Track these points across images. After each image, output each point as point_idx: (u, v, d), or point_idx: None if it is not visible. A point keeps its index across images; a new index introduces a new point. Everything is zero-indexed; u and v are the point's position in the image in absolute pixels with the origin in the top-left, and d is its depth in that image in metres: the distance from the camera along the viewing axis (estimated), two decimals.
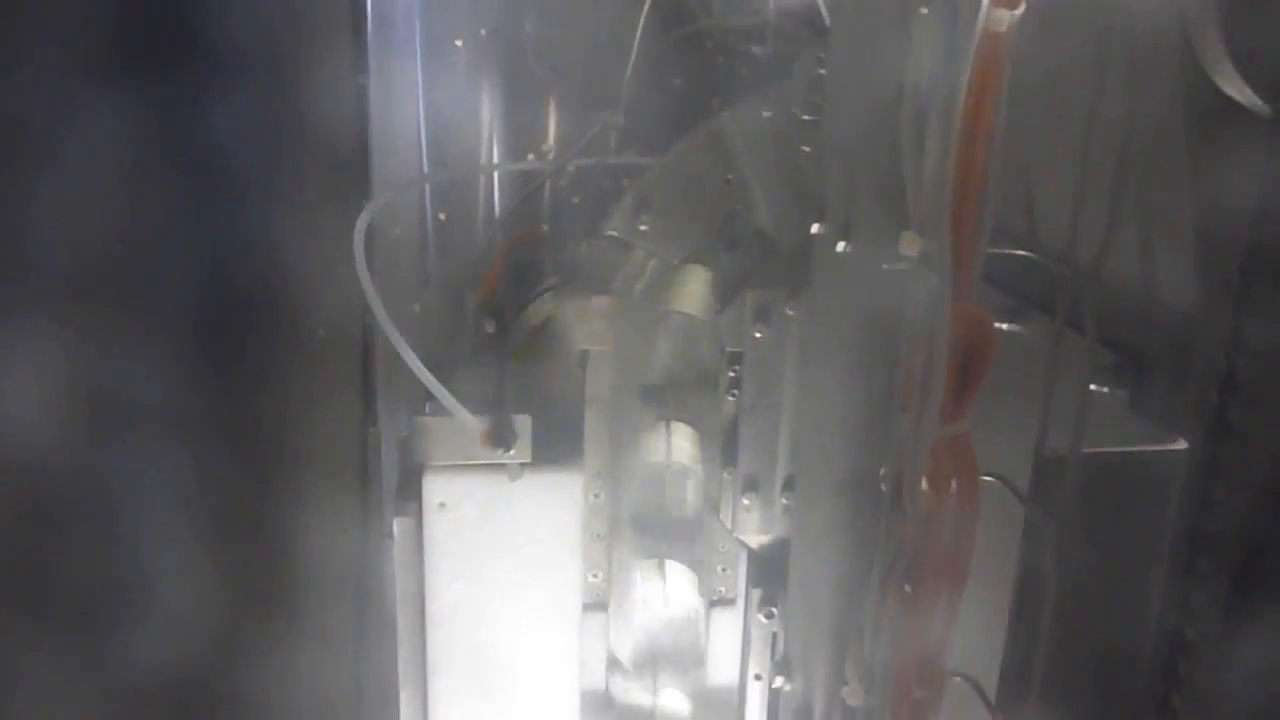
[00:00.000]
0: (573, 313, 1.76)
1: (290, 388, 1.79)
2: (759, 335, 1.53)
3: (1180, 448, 1.12)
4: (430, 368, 1.49)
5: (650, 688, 1.68)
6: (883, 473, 1.30)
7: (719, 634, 1.73)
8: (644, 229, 1.63)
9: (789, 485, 1.58)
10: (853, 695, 1.43)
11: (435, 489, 1.61)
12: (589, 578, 1.68)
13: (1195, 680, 1.10)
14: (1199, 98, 1.03)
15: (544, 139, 2.15)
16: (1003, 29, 1.01)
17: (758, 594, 1.66)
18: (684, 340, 1.63)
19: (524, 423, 1.58)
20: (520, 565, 1.66)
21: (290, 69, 1.73)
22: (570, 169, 2.03)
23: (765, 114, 1.55)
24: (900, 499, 1.23)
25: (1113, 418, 1.16)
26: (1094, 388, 1.16)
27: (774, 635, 1.66)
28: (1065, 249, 1.15)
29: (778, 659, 1.66)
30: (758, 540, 1.65)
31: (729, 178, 1.60)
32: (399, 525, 1.62)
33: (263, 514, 1.63)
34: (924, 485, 1.20)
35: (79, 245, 1.03)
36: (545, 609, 1.68)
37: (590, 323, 1.68)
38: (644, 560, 1.66)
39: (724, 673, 1.75)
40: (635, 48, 1.85)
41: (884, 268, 1.26)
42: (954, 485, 1.19)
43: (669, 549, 1.66)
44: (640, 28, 1.85)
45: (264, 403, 1.65)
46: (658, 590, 1.65)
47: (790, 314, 1.52)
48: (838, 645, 1.49)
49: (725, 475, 1.62)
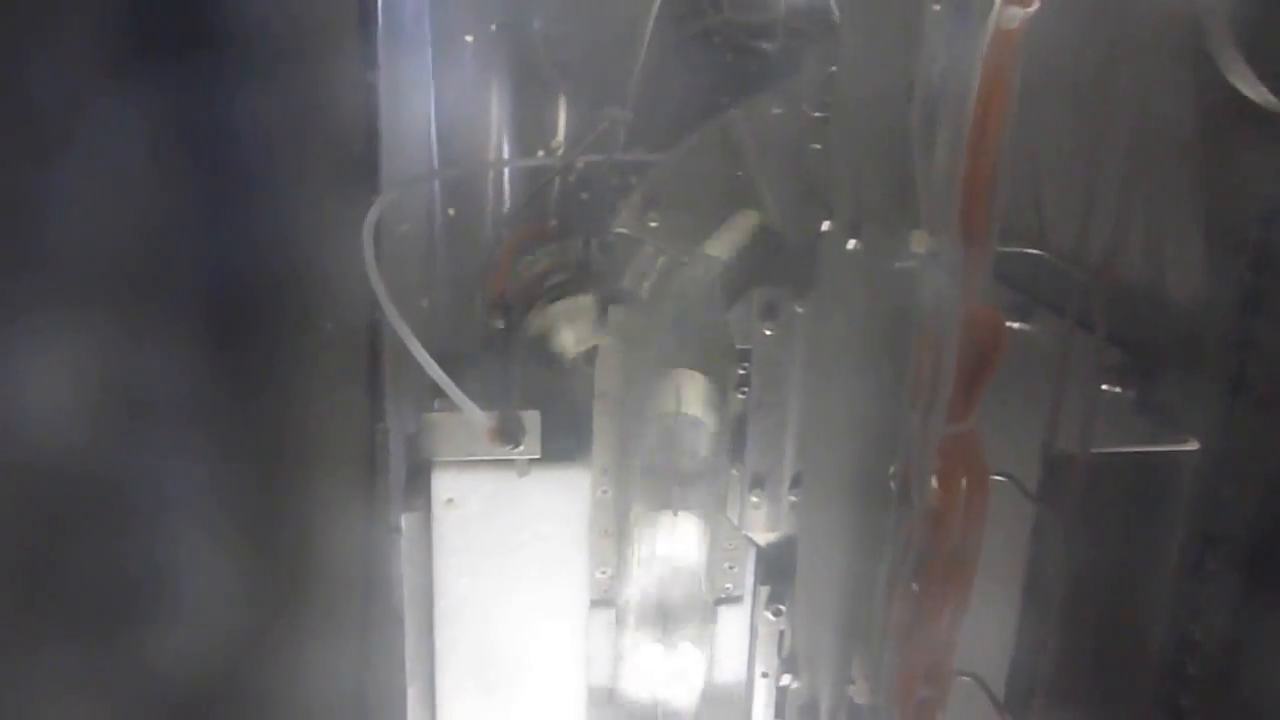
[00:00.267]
0: (581, 310, 1.76)
1: (298, 383, 1.79)
2: (767, 332, 1.53)
3: (1190, 448, 1.12)
4: (439, 363, 1.49)
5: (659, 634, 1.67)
6: (891, 470, 1.30)
7: (726, 631, 1.73)
8: (653, 225, 1.62)
9: (797, 483, 1.58)
10: (860, 693, 1.43)
11: (443, 485, 1.62)
12: (596, 574, 1.68)
13: (1204, 679, 1.10)
14: (1211, 95, 1.02)
15: (553, 135, 2.15)
16: (1015, 26, 1.00)
17: (765, 591, 1.66)
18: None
19: (532, 419, 1.58)
20: (528, 561, 1.66)
21: (300, 64, 1.73)
22: (579, 165, 2.03)
23: (775, 111, 1.55)
24: (908, 497, 1.23)
25: (1122, 417, 1.16)
26: (1104, 387, 1.16)
27: (781, 633, 1.66)
28: (1075, 247, 1.15)
29: (785, 657, 1.66)
30: (765, 538, 1.65)
31: (738, 175, 1.60)
32: (407, 521, 1.62)
33: (270, 509, 1.63)
34: (932, 483, 1.20)
35: (87, 240, 1.03)
36: (552, 605, 1.68)
37: (597, 319, 1.68)
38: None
39: (730, 670, 1.74)
40: (645, 44, 1.84)
41: (893, 265, 1.26)
42: (963, 483, 1.19)
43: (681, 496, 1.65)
44: (650, 24, 1.85)
45: (272, 398, 1.65)
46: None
47: (799, 311, 1.52)
48: (845, 643, 1.49)
49: (733, 472, 1.61)
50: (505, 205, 2.19)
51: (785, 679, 1.66)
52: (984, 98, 1.04)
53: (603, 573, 1.69)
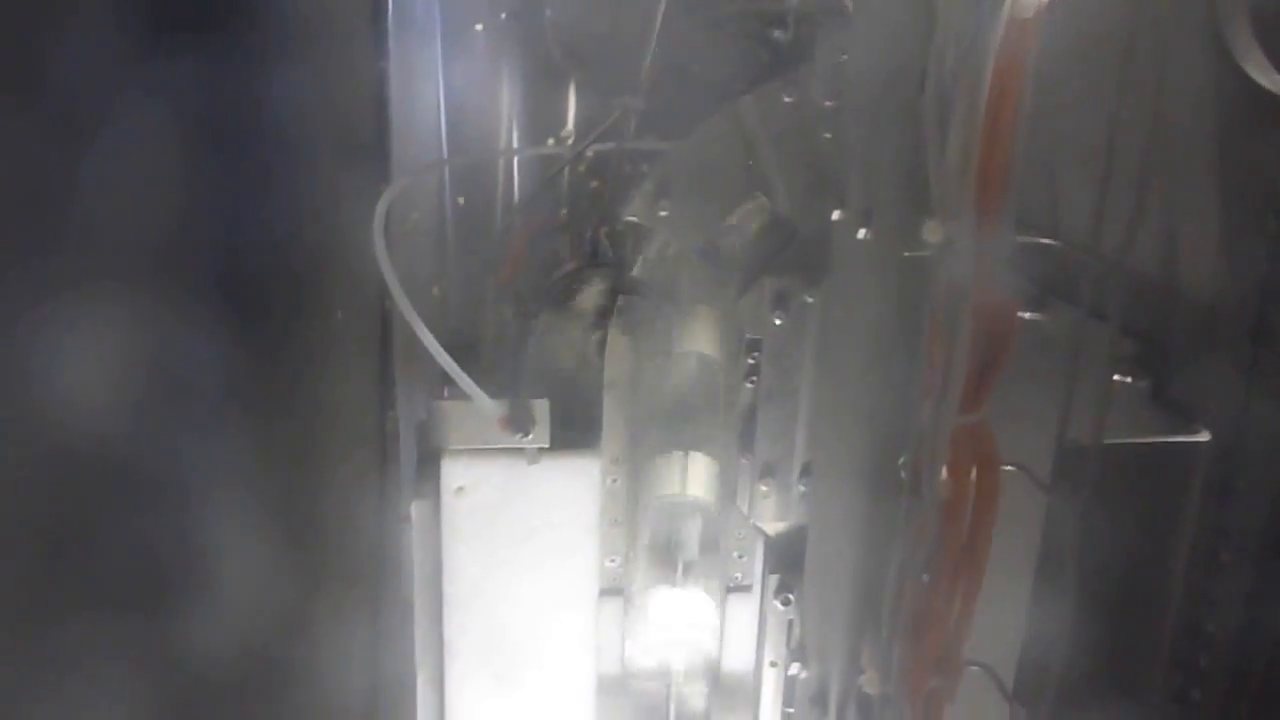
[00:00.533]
0: (591, 298, 1.76)
1: (309, 370, 1.79)
2: (778, 322, 1.53)
3: (1203, 439, 1.11)
4: (449, 352, 1.49)
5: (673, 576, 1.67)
6: (902, 460, 1.30)
7: (735, 620, 1.73)
8: (664, 215, 1.62)
9: (806, 472, 1.58)
10: (869, 683, 1.43)
11: (453, 473, 1.62)
12: (606, 562, 1.68)
13: (1216, 671, 1.10)
14: (1227, 85, 1.02)
15: (564, 124, 2.14)
16: (1029, 15, 1.00)
17: (774, 581, 1.66)
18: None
19: (542, 407, 1.58)
20: (537, 549, 1.66)
21: (311, 53, 1.73)
22: (590, 154, 2.02)
23: (787, 99, 1.54)
24: (919, 487, 1.22)
25: (1135, 408, 1.16)
26: (1117, 377, 1.15)
27: (790, 622, 1.66)
28: (1090, 237, 1.14)
29: (794, 646, 1.66)
30: (775, 527, 1.65)
31: (749, 163, 1.59)
32: (417, 509, 1.62)
33: (280, 496, 1.63)
34: (944, 473, 1.19)
35: (102, 226, 1.03)
36: (562, 593, 1.69)
37: (607, 308, 1.68)
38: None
39: (740, 659, 1.75)
40: (656, 32, 1.84)
41: (905, 255, 1.26)
42: (974, 474, 1.18)
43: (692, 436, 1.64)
44: (661, 11, 1.84)
45: (282, 385, 1.66)
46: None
47: (809, 301, 1.52)
48: (854, 633, 1.49)
49: (743, 461, 1.61)
50: (516, 194, 2.18)
51: (794, 668, 1.66)
52: (998, 86, 1.04)
53: (612, 561, 1.69)
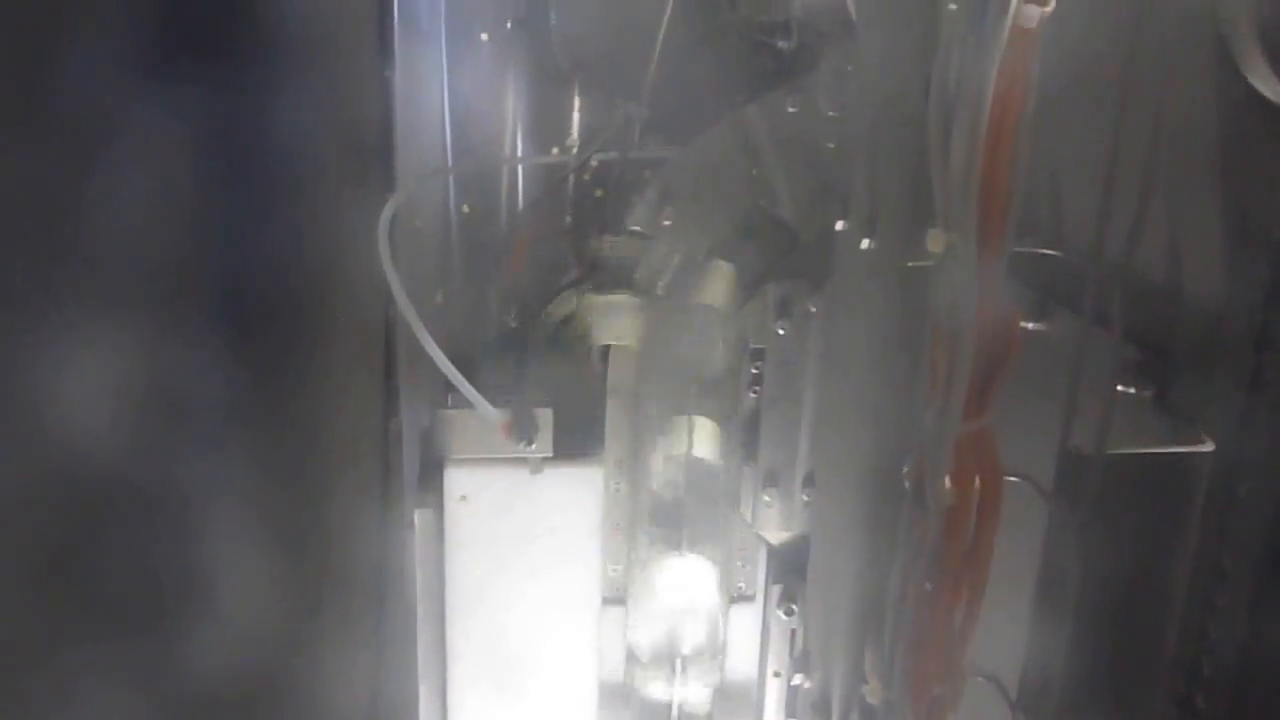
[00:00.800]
0: (595, 307, 1.76)
1: (312, 378, 1.79)
2: (781, 331, 1.53)
3: (1206, 448, 1.11)
4: (453, 360, 1.49)
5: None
6: (905, 469, 1.30)
7: (738, 630, 1.73)
8: (667, 223, 1.62)
9: (810, 481, 1.58)
10: (872, 693, 1.43)
11: (456, 481, 1.62)
12: (609, 570, 1.68)
13: (1219, 679, 1.10)
14: (1230, 94, 1.02)
15: (568, 132, 2.15)
16: (1032, 26, 1.00)
17: (778, 590, 1.66)
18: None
19: (545, 416, 1.58)
20: (540, 557, 1.66)
21: (316, 61, 1.73)
22: (594, 162, 2.03)
23: (791, 109, 1.54)
24: (922, 496, 1.22)
25: (1138, 417, 1.16)
26: (1120, 387, 1.15)
27: (793, 632, 1.66)
28: (1092, 246, 1.14)
29: (797, 655, 1.66)
30: (778, 536, 1.65)
31: (753, 172, 1.60)
32: (420, 517, 1.62)
33: (283, 504, 1.63)
34: (946, 482, 1.19)
35: (109, 238, 1.04)
36: (565, 601, 1.69)
37: (612, 317, 1.68)
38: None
39: (743, 669, 1.74)
40: (660, 40, 1.84)
41: (908, 264, 1.26)
42: (977, 483, 1.18)
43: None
44: (665, 20, 1.84)
45: (285, 393, 1.66)
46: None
47: (813, 309, 1.52)
48: (858, 642, 1.49)
49: (746, 470, 1.61)
50: (520, 201, 2.19)
51: (798, 678, 1.65)
52: (1001, 97, 1.04)
53: (615, 568, 1.69)
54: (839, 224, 1.39)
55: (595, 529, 1.65)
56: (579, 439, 1.63)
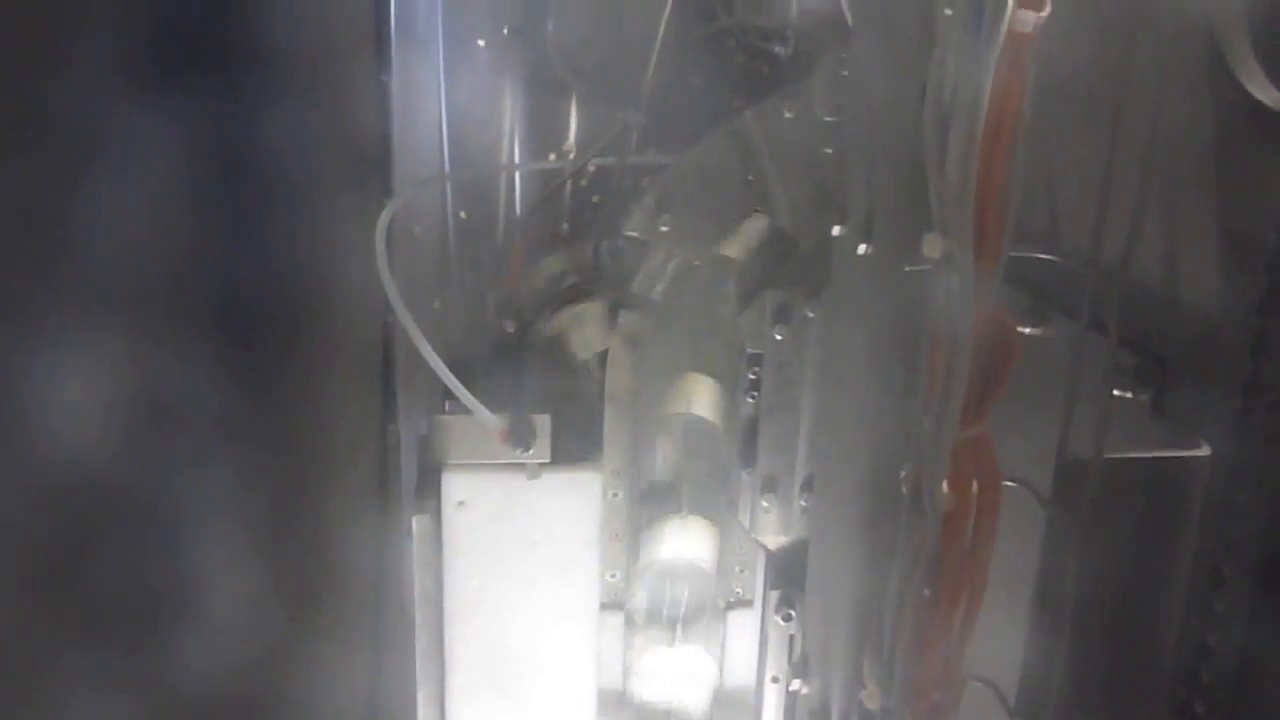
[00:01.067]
0: (592, 313, 1.76)
1: (310, 385, 1.79)
2: (779, 336, 1.53)
3: (1204, 453, 1.11)
4: (450, 366, 1.49)
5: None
6: (903, 475, 1.30)
7: (736, 636, 1.73)
8: (664, 229, 1.62)
9: (808, 487, 1.58)
10: (871, 698, 1.43)
11: (454, 487, 1.62)
12: (607, 577, 1.68)
13: (1218, 686, 1.09)
14: (1225, 98, 1.02)
15: (565, 138, 2.15)
16: (1028, 30, 1.00)
17: (775, 596, 1.66)
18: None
19: (543, 422, 1.58)
20: (538, 564, 1.66)
21: (312, 68, 1.74)
22: (591, 168, 2.03)
23: (787, 114, 1.54)
24: (920, 501, 1.22)
25: (1136, 422, 1.16)
26: (1117, 392, 1.15)
27: (791, 637, 1.66)
28: (1089, 251, 1.14)
29: (795, 661, 1.66)
30: (776, 542, 1.65)
31: (750, 178, 1.60)
32: (417, 523, 1.62)
33: (280, 510, 1.63)
34: (944, 488, 1.19)
35: (103, 245, 1.04)
36: (563, 608, 1.68)
37: (608, 323, 1.68)
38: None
39: (741, 675, 1.74)
40: (657, 47, 1.84)
41: (905, 269, 1.26)
42: (975, 488, 1.18)
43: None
44: (662, 27, 1.85)
45: (283, 400, 1.66)
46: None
47: (810, 315, 1.52)
48: (856, 648, 1.49)
49: (744, 476, 1.61)
50: (517, 208, 2.19)
51: (796, 684, 1.65)
52: (997, 101, 1.04)
53: (613, 576, 1.68)
54: (836, 229, 1.38)
55: (593, 535, 1.65)
56: (577, 445, 1.63)
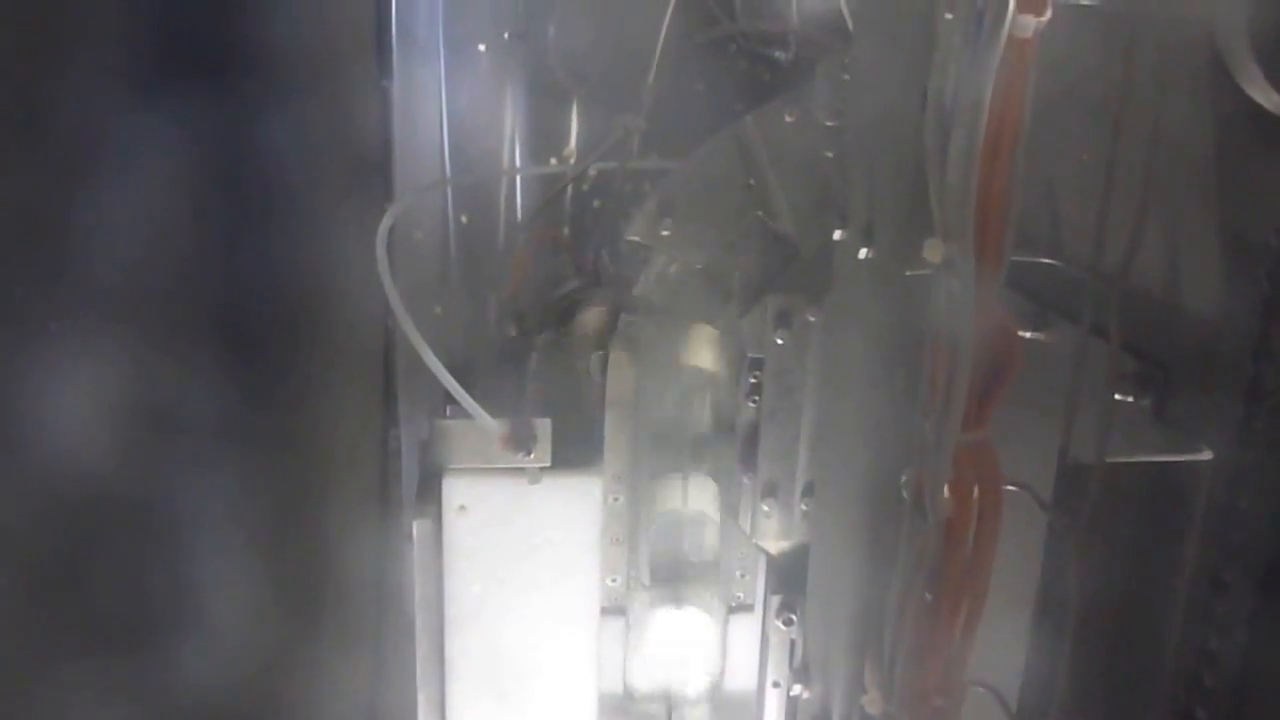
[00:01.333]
0: (593, 318, 1.76)
1: (311, 389, 1.79)
2: (780, 341, 1.53)
3: (1205, 458, 1.11)
4: (451, 370, 1.49)
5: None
6: (904, 479, 1.30)
7: (737, 640, 1.73)
8: (666, 234, 1.62)
9: (809, 491, 1.58)
10: (872, 703, 1.42)
11: (455, 492, 1.62)
12: (608, 581, 1.68)
13: (1220, 692, 1.09)
14: (1226, 103, 1.02)
15: (566, 143, 2.15)
16: (1028, 35, 1.00)
17: (776, 600, 1.66)
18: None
19: (544, 426, 1.58)
20: (539, 568, 1.66)
21: (314, 73, 1.74)
22: (592, 173, 2.03)
23: (788, 119, 1.55)
24: (921, 506, 1.22)
25: (1137, 427, 1.15)
26: (1118, 396, 1.15)
27: (792, 642, 1.66)
28: (1090, 256, 1.14)
29: (796, 666, 1.66)
30: (777, 546, 1.65)
31: (751, 182, 1.60)
32: (418, 527, 1.62)
33: (282, 515, 1.63)
34: (945, 493, 1.19)
35: (108, 251, 1.04)
36: (563, 612, 1.68)
37: (609, 327, 1.68)
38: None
39: (742, 679, 1.74)
40: (658, 52, 1.85)
41: (906, 274, 1.26)
42: (976, 493, 1.18)
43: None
44: (664, 32, 1.85)
45: (285, 404, 1.66)
46: None
47: (811, 320, 1.52)
48: (857, 653, 1.48)
49: (745, 481, 1.61)
50: (518, 212, 2.19)
51: (797, 689, 1.65)
52: (998, 106, 1.04)
53: (613, 580, 1.68)
54: (837, 234, 1.39)
55: (594, 540, 1.65)
56: (577, 450, 1.63)
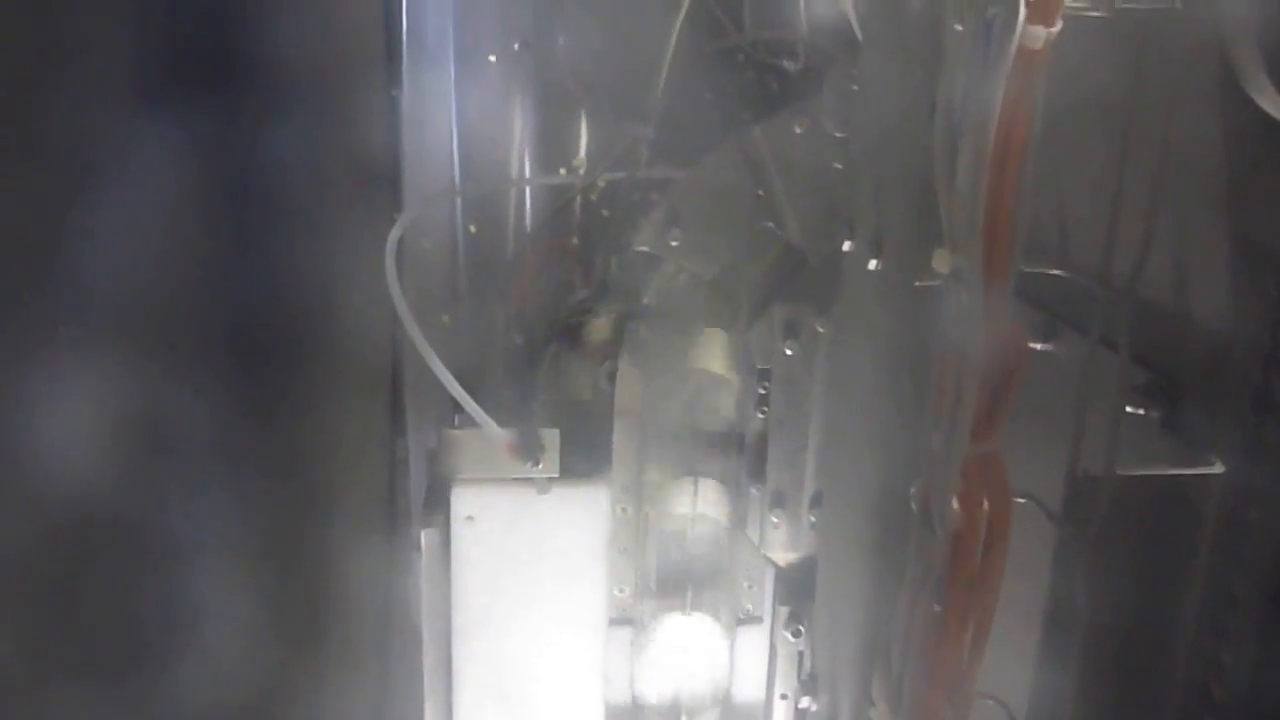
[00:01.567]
0: (601, 328, 1.76)
1: (319, 399, 1.80)
2: (788, 352, 1.53)
3: (1215, 471, 1.10)
4: (459, 380, 1.49)
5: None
6: (912, 491, 1.29)
7: (745, 652, 1.72)
8: (674, 244, 1.63)
9: (817, 502, 1.58)
10: (880, 716, 1.42)
11: (463, 502, 1.62)
12: (615, 592, 1.68)
13: (1230, 705, 1.08)
14: (1235, 113, 1.02)
15: (575, 153, 2.16)
16: (1038, 46, 1.00)
17: (785, 612, 1.65)
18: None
19: (552, 436, 1.58)
20: (546, 578, 1.66)
21: (323, 83, 1.74)
22: (601, 183, 2.03)
23: (797, 129, 1.55)
24: (930, 518, 1.22)
25: (1147, 438, 1.15)
26: (1128, 408, 1.15)
27: (800, 654, 1.65)
28: (1100, 266, 1.14)
29: (804, 678, 1.65)
30: (785, 558, 1.64)
31: (760, 193, 1.60)
32: (426, 537, 1.62)
33: (289, 524, 1.63)
34: (954, 504, 1.19)
35: (110, 262, 1.04)
36: (571, 623, 1.68)
37: (618, 337, 1.68)
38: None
39: (750, 691, 1.73)
40: (667, 62, 1.85)
41: (915, 285, 1.26)
42: (985, 505, 1.18)
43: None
44: (673, 42, 1.85)
45: (292, 414, 1.66)
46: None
47: (820, 330, 1.52)
48: (865, 665, 1.48)
49: (753, 491, 1.61)
50: (527, 222, 2.20)
51: (804, 701, 1.64)
52: (1007, 117, 1.04)
53: (621, 590, 1.68)
54: (846, 244, 1.38)
55: (601, 550, 1.65)
56: (585, 460, 1.63)
